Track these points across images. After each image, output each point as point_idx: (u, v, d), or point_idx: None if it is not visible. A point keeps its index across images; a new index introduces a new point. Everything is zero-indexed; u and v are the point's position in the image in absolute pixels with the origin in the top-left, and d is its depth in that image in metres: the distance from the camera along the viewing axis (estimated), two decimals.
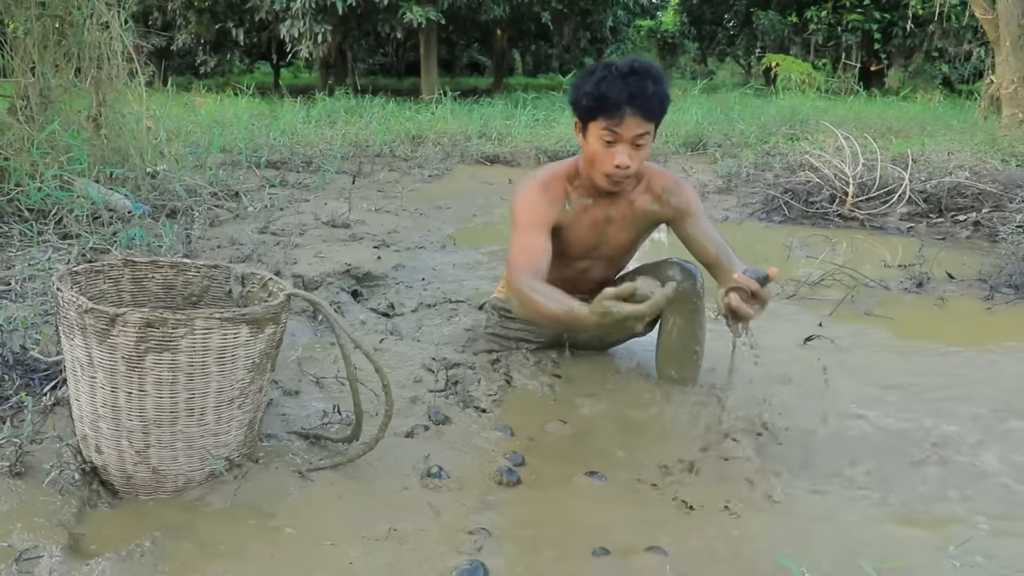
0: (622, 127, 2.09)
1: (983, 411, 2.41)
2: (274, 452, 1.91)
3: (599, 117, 2.10)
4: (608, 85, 2.07)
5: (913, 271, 4.04)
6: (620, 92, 2.06)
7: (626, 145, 2.11)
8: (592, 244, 2.38)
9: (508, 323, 2.65)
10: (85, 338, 1.64)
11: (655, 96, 2.09)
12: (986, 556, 1.64)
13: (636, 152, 2.13)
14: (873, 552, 1.62)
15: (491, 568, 1.50)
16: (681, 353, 2.44)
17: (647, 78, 2.07)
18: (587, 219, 2.32)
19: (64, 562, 1.47)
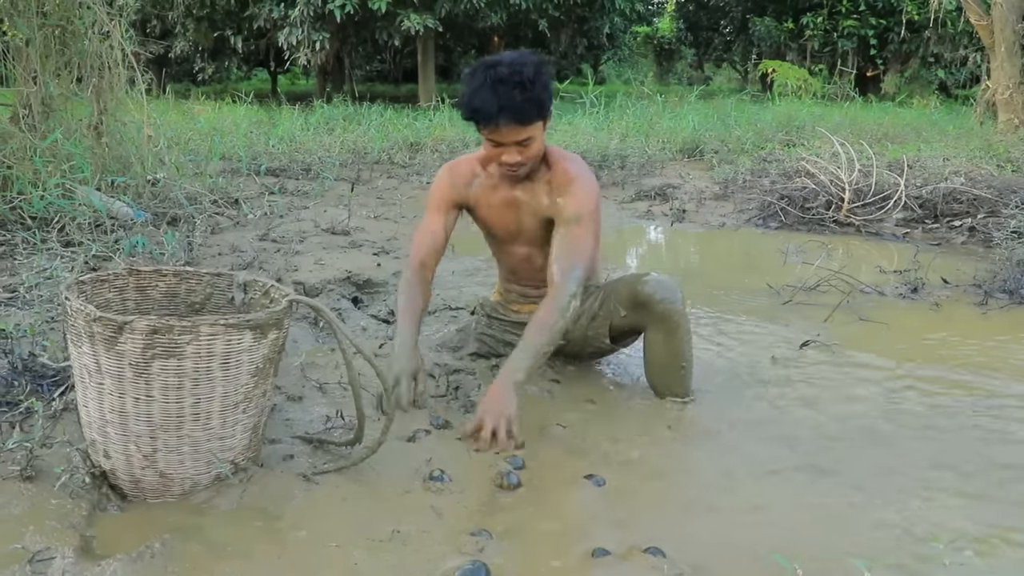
0: (499, 135, 2.12)
1: (975, 412, 2.45)
2: (279, 456, 1.95)
3: (478, 126, 2.14)
4: (480, 98, 2.08)
5: (908, 276, 4.08)
6: (490, 104, 2.06)
7: (511, 146, 2.15)
8: (513, 228, 2.41)
9: (496, 325, 2.70)
10: (93, 345, 1.68)
11: (526, 104, 2.07)
12: (976, 553, 1.68)
13: (525, 148, 2.16)
14: (865, 550, 1.66)
15: (493, 568, 1.54)
16: (667, 369, 2.41)
17: (516, 86, 2.05)
18: (497, 198, 2.37)
19: (76, 563, 1.50)
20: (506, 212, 2.38)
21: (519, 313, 2.62)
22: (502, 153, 2.17)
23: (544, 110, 2.14)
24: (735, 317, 3.46)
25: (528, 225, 2.38)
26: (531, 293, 2.57)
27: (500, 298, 2.74)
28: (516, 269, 2.55)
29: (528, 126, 2.11)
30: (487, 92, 2.06)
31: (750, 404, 2.49)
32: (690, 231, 5.60)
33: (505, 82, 2.05)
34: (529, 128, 2.12)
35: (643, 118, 10.27)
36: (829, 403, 2.52)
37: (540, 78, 2.10)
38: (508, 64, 2.08)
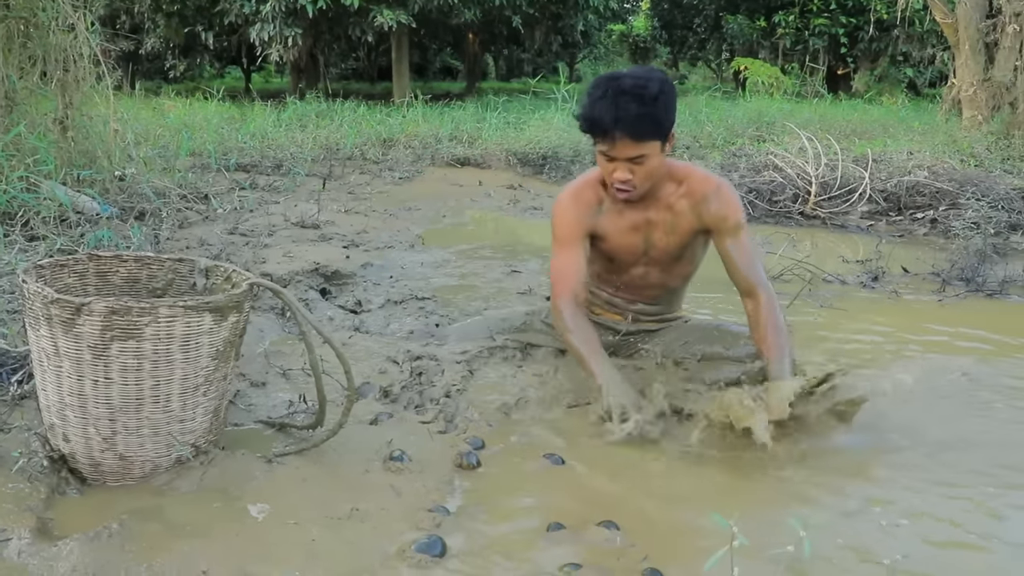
0: (614, 150, 2.08)
1: (919, 384, 2.51)
2: (240, 439, 1.97)
3: (594, 138, 2.11)
4: (599, 108, 2.04)
5: (870, 266, 4.16)
6: (606, 116, 2.03)
7: (623, 162, 2.10)
8: (640, 249, 2.34)
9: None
10: (51, 328, 1.68)
11: (643, 119, 2.03)
12: (909, 516, 1.75)
13: (638, 167, 2.11)
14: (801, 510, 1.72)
15: (449, 543, 1.56)
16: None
17: (636, 99, 2.01)
18: (625, 223, 2.30)
19: (33, 544, 1.51)
20: (634, 235, 2.32)
21: (599, 316, 2.54)
22: (615, 169, 2.12)
23: (662, 130, 2.09)
24: (699, 304, 3.51)
25: (660, 244, 2.31)
26: (620, 304, 2.53)
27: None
28: (625, 284, 2.48)
29: (643, 143, 2.07)
30: (607, 103, 2.03)
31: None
32: None
33: (626, 94, 2.02)
34: (644, 145, 2.07)
35: None
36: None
37: (664, 96, 2.06)
38: (633, 77, 2.06)
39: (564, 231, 2.32)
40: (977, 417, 2.35)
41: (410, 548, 1.54)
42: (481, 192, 6.68)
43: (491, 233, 5.25)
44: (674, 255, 2.35)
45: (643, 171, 2.12)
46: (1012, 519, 1.78)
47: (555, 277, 2.32)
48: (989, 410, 2.40)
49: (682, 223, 2.27)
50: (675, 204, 2.27)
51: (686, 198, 2.26)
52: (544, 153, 7.92)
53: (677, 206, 2.26)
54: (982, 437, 2.20)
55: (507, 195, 6.59)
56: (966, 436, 2.20)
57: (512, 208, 6.11)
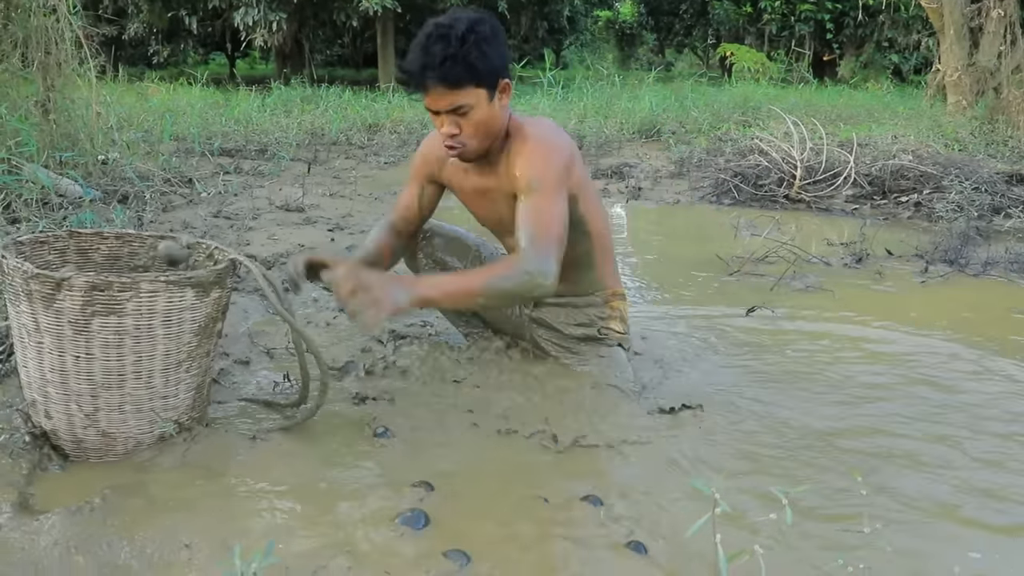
0: (430, 100, 1.90)
1: (899, 361, 2.55)
2: (224, 417, 1.96)
3: (409, 91, 1.99)
4: (410, 58, 1.87)
5: (854, 248, 4.18)
6: (414, 63, 1.85)
7: (447, 115, 1.91)
8: (494, 218, 2.19)
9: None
10: (31, 304, 1.67)
11: (450, 61, 1.82)
12: (891, 488, 1.77)
13: (464, 120, 1.91)
14: (784, 479, 1.75)
15: (432, 516, 1.57)
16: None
17: (439, 41, 1.82)
18: (469, 187, 2.15)
19: (14, 518, 1.51)
20: (481, 201, 2.17)
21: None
22: (442, 124, 1.93)
23: (478, 73, 1.86)
24: (684, 286, 3.52)
25: (507, 215, 2.06)
26: None
27: None
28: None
29: (458, 90, 1.86)
30: (415, 50, 1.87)
31: (692, 362, 2.54)
32: (645, 207, 5.66)
33: (431, 37, 1.84)
34: (461, 93, 1.87)
35: (601, 99, 10.32)
36: (761, 357, 2.60)
37: (475, 36, 1.84)
38: (446, 18, 1.88)
39: (410, 169, 2.32)
40: (959, 391, 2.37)
41: (393, 521, 1.54)
42: None
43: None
44: None
45: (470, 124, 1.91)
46: (990, 487, 1.80)
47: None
48: (971, 383, 2.43)
49: (508, 187, 2.03)
50: (500, 166, 2.05)
51: (507, 158, 2.03)
52: None
53: (501, 167, 2.05)
54: (963, 409, 2.22)
55: None
56: (946, 408, 2.23)
57: None
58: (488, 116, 1.94)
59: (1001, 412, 2.24)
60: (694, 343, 2.74)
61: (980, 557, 1.54)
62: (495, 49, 1.90)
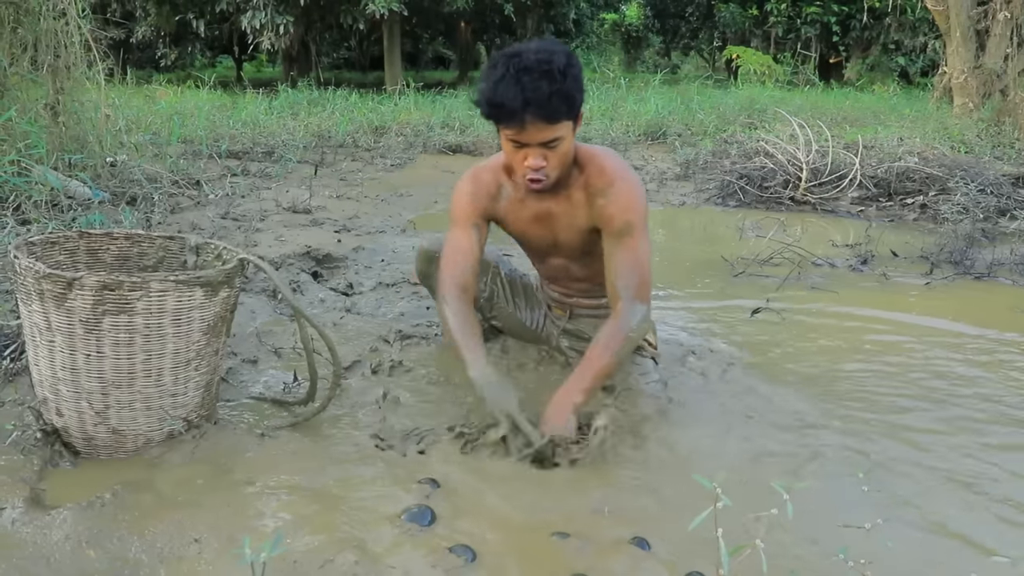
0: (525, 134, 1.85)
1: (902, 361, 2.56)
2: (232, 414, 1.98)
3: (500, 123, 1.87)
4: (503, 90, 1.80)
5: (859, 250, 4.19)
6: (514, 98, 1.78)
7: (535, 148, 1.88)
8: (549, 241, 2.16)
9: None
10: (43, 303, 1.69)
11: (555, 97, 1.79)
12: (892, 484, 1.79)
13: (551, 152, 1.89)
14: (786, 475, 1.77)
15: (438, 512, 1.58)
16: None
17: (543, 77, 1.78)
18: (527, 213, 2.11)
19: (26, 513, 1.53)
20: (538, 227, 2.13)
21: (552, 313, 2.47)
22: (526, 156, 1.89)
23: (575, 107, 1.86)
24: (690, 287, 3.54)
25: (565, 239, 2.12)
26: (566, 301, 2.40)
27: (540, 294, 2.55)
28: (554, 277, 2.36)
29: (556, 124, 1.84)
30: (510, 84, 1.78)
31: (697, 361, 2.55)
32: (651, 209, 5.66)
33: (531, 71, 1.78)
34: (557, 127, 1.85)
35: (607, 102, 10.34)
36: (764, 357, 2.61)
37: (571, 70, 1.83)
38: (535, 52, 1.82)
39: (454, 214, 2.14)
40: (963, 390, 2.38)
41: (400, 518, 1.56)
42: None
43: None
44: (582, 250, 2.14)
45: (556, 156, 1.90)
46: (993, 485, 1.81)
47: (445, 256, 2.12)
48: (975, 382, 2.43)
49: (579, 217, 2.06)
50: (573, 195, 2.05)
51: (583, 189, 2.03)
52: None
53: (574, 197, 2.05)
54: (967, 408, 2.23)
55: None
56: (949, 407, 2.24)
57: None
58: (571, 147, 1.95)
59: (1005, 409, 2.25)
60: (699, 343, 2.75)
61: (983, 553, 1.55)
62: (582, 80, 1.90)
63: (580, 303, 2.38)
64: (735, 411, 2.16)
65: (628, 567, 1.45)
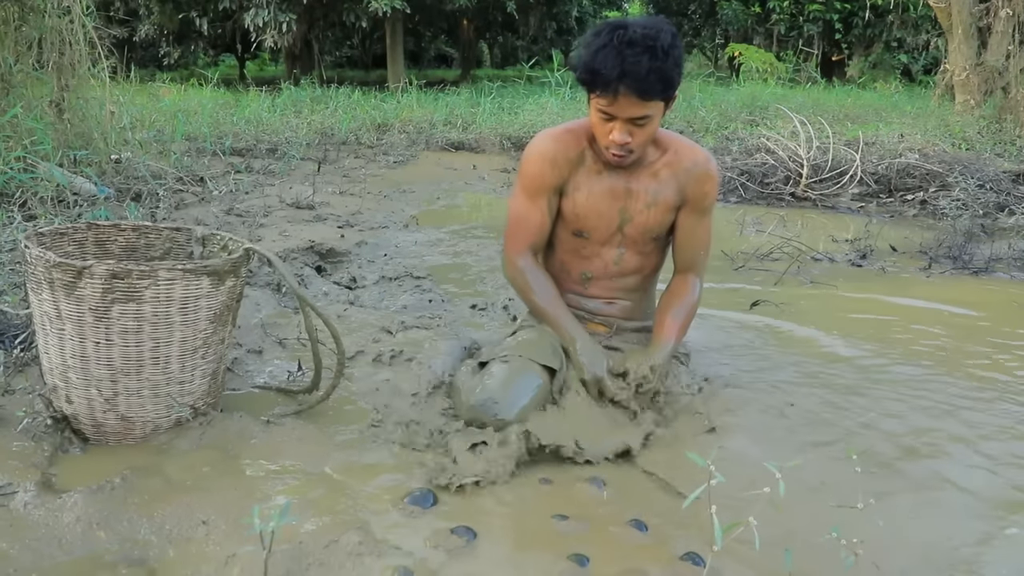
0: (615, 106, 1.84)
1: (898, 349, 2.59)
2: (238, 403, 2.02)
3: (593, 91, 1.86)
4: (602, 58, 1.79)
5: (859, 245, 4.22)
6: (612, 68, 1.78)
7: (624, 122, 1.87)
8: (615, 223, 2.08)
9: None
10: (53, 292, 1.73)
11: (653, 74, 1.78)
12: (885, 465, 1.84)
13: (639, 129, 1.88)
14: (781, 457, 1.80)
15: (439, 496, 1.62)
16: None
17: (646, 52, 1.77)
18: (603, 187, 2.04)
19: (38, 496, 1.57)
20: (610, 203, 2.05)
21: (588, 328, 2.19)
22: (612, 129, 1.88)
23: (670, 88, 1.85)
24: None
25: (639, 219, 2.06)
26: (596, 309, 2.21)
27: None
28: (601, 273, 2.17)
29: (649, 102, 1.83)
30: (611, 53, 1.78)
31: (697, 352, 2.58)
32: None
33: (635, 45, 1.77)
34: (649, 105, 1.84)
35: None
36: (763, 346, 2.65)
37: (674, 51, 1.82)
38: (642, 27, 1.81)
39: (533, 177, 2.05)
40: (957, 376, 2.41)
41: (402, 501, 1.60)
42: (475, 176, 6.72)
43: (484, 214, 5.29)
44: (652, 232, 2.10)
45: (643, 134, 1.89)
46: (984, 467, 1.84)
47: (513, 226, 2.07)
48: (970, 368, 2.47)
49: (665, 194, 2.04)
50: (659, 172, 2.03)
51: (670, 167, 2.03)
52: None
53: (661, 174, 2.03)
54: (960, 394, 2.26)
55: (501, 178, 6.63)
56: (942, 393, 2.27)
57: (506, 191, 6.14)
58: (657, 127, 1.94)
59: (1003, 394, 2.28)
60: (698, 335, 2.78)
61: (972, 533, 1.58)
62: (682, 63, 1.90)
63: (623, 309, 2.23)
64: (730, 397, 2.19)
65: (626, 548, 1.48)
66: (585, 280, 2.19)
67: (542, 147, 2.05)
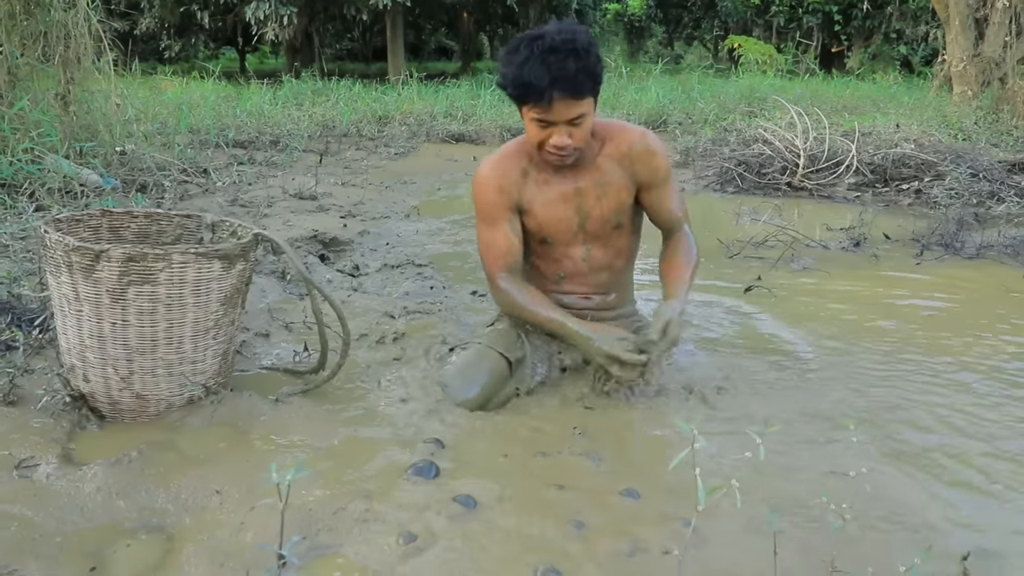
0: (551, 112, 1.91)
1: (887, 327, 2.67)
2: (247, 382, 2.10)
3: (526, 103, 1.93)
4: (529, 70, 1.86)
5: (852, 233, 4.29)
6: (542, 77, 1.85)
7: (562, 125, 1.95)
8: (574, 223, 2.15)
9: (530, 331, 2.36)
10: (71, 275, 1.81)
11: (580, 73, 1.87)
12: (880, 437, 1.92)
13: (576, 129, 1.96)
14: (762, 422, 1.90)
15: (442, 468, 1.70)
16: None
17: (570, 55, 1.85)
18: (554, 194, 2.12)
19: (60, 468, 1.65)
20: (564, 207, 2.13)
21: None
22: (551, 135, 1.96)
23: (598, 82, 1.94)
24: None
25: (595, 213, 2.14)
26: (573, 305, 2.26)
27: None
28: (572, 274, 2.25)
29: (582, 100, 1.91)
30: (536, 63, 1.85)
31: (692, 335, 2.66)
32: None
33: (557, 51, 1.85)
34: (582, 103, 1.92)
35: (608, 91, 10.42)
36: (757, 329, 2.73)
37: (592, 48, 1.91)
38: (557, 32, 1.89)
39: (487, 208, 2.13)
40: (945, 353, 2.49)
41: (407, 472, 1.68)
42: (475, 167, 6.77)
43: None
44: (612, 222, 2.17)
45: (580, 132, 1.97)
46: (971, 439, 1.92)
47: (485, 254, 2.15)
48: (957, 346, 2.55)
49: (613, 183, 2.12)
50: (602, 164, 2.11)
51: (609, 157, 2.11)
52: None
53: (604, 165, 2.11)
54: (948, 369, 2.34)
55: None
56: (931, 368, 2.35)
57: None
58: (591, 122, 2.01)
59: (988, 371, 2.37)
60: (693, 319, 2.86)
61: (956, 502, 1.66)
62: (601, 58, 1.98)
63: (601, 303, 2.29)
64: (724, 379, 2.27)
65: (619, 514, 1.56)
66: (559, 279, 2.26)
67: (485, 176, 2.14)
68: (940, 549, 1.43)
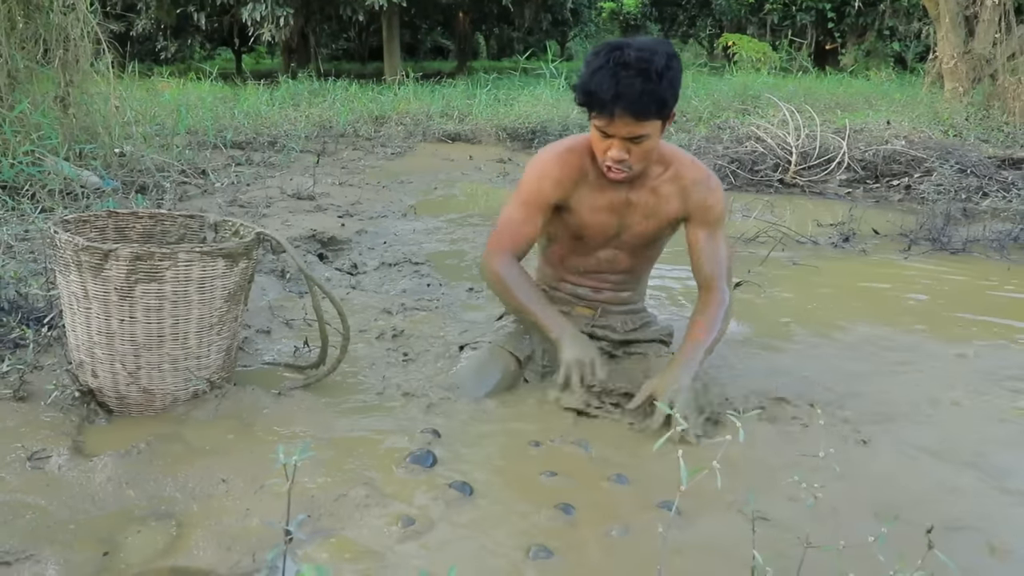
0: (612, 126, 1.90)
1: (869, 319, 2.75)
2: (250, 377, 2.17)
3: (591, 111, 1.93)
4: (598, 80, 1.86)
5: (842, 228, 4.36)
6: (607, 90, 1.84)
7: (621, 140, 1.93)
8: (612, 231, 2.17)
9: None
10: (80, 273, 1.87)
11: (647, 97, 1.84)
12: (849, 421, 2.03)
13: (636, 147, 1.93)
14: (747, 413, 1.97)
15: (439, 457, 1.77)
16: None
17: (640, 75, 1.83)
18: (602, 201, 2.12)
19: (71, 459, 1.71)
20: (608, 215, 2.14)
21: (575, 312, 2.33)
22: (609, 147, 1.95)
23: (666, 109, 1.89)
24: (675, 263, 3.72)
25: (636, 228, 2.15)
26: (586, 295, 2.33)
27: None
28: (593, 270, 2.29)
29: (644, 122, 1.88)
30: (606, 76, 1.85)
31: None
32: None
33: (629, 67, 1.84)
34: (645, 125, 1.89)
35: None
36: (744, 320, 2.80)
37: (670, 73, 1.87)
38: (638, 49, 1.86)
39: (531, 191, 2.12)
40: (924, 341, 2.56)
41: (405, 460, 1.75)
42: (472, 166, 6.86)
43: (481, 203, 5.43)
44: (648, 240, 2.20)
45: (640, 151, 1.94)
46: (938, 423, 1.99)
47: (503, 229, 2.13)
48: (934, 334, 2.62)
49: (664, 208, 2.12)
50: (660, 187, 2.10)
51: (672, 182, 2.10)
52: (533, 128, 8.10)
53: (662, 189, 2.10)
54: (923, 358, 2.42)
55: (497, 168, 6.77)
56: (904, 354, 2.42)
57: (502, 180, 6.29)
58: (656, 144, 1.99)
59: (955, 358, 2.47)
60: (681, 310, 2.93)
61: (919, 477, 1.73)
62: (679, 83, 1.94)
63: (612, 298, 2.34)
64: (712, 368, 2.34)
65: (608, 498, 1.63)
66: (579, 273, 2.30)
67: (547, 167, 2.12)
68: (905, 520, 1.50)
